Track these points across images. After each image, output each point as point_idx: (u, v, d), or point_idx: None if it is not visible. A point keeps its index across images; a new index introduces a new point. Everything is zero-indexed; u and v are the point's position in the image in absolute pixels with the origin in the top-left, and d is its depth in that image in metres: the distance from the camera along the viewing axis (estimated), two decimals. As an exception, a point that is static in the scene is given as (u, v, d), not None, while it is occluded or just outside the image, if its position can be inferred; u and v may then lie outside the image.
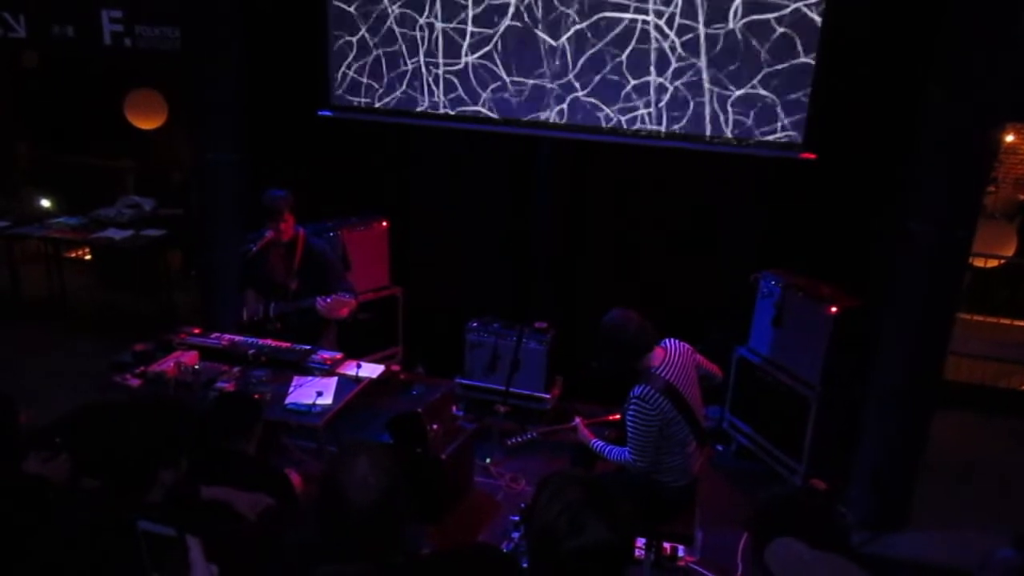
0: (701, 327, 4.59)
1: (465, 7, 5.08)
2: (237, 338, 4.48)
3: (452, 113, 5.31)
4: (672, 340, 3.69)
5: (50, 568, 2.09)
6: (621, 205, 5.48)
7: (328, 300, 4.37)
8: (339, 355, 4.40)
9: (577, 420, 3.88)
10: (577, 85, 5.03)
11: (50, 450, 2.65)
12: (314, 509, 2.03)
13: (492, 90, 5.19)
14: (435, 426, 4.29)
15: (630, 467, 3.54)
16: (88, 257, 8.00)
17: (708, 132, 4.90)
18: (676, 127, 4.95)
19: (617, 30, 4.87)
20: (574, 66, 5.01)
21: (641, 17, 4.83)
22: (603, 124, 5.05)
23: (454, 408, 4.97)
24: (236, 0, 4.78)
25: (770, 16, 4.63)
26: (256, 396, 3.80)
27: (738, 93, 4.79)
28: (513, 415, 5.26)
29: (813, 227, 5.04)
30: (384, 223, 5.78)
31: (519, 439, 4.11)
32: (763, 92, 4.76)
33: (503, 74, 5.14)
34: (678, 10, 4.77)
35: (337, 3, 5.32)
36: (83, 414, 2.64)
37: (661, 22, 4.81)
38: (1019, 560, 2.30)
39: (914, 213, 4.05)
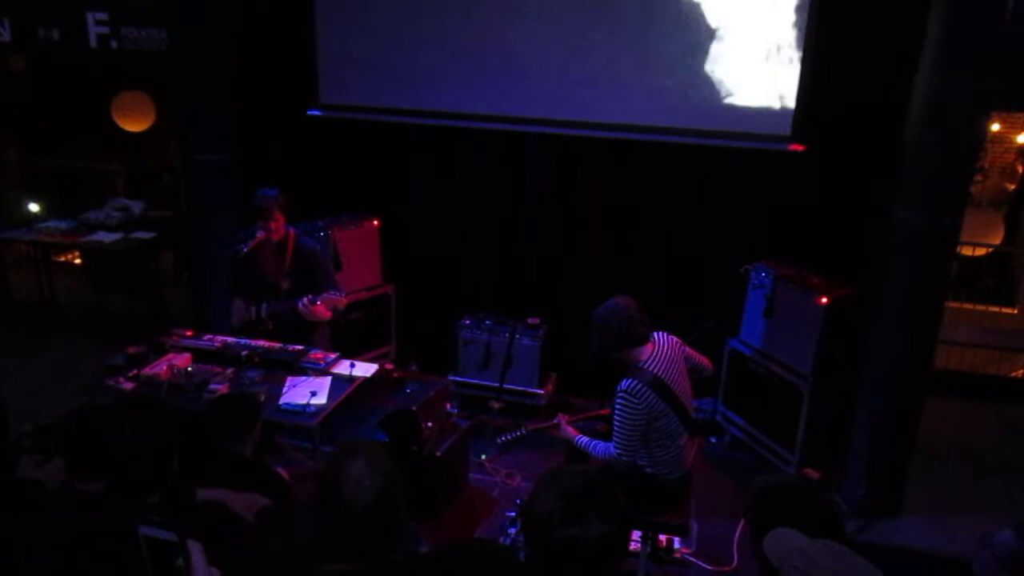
0: (692, 319, 4.61)
1: (456, 4, 5.08)
2: (230, 339, 4.48)
3: (441, 110, 5.30)
4: (661, 333, 3.70)
5: (48, 573, 2.09)
6: (612, 199, 5.49)
7: (318, 300, 4.37)
8: (332, 355, 4.40)
9: (559, 418, 3.88)
10: (567, 79, 5.03)
11: (44, 454, 2.64)
12: (312, 508, 2.04)
13: (482, 86, 5.18)
14: (429, 424, 4.29)
15: (614, 461, 3.55)
16: (78, 260, 7.96)
17: (697, 125, 4.91)
18: (665, 120, 4.96)
19: (607, 22, 4.88)
20: (564, 60, 5.01)
21: (629, 8, 4.84)
22: (593, 118, 5.06)
23: (448, 405, 4.98)
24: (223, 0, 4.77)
25: (759, 7, 4.64)
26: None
27: (726, 85, 4.80)
28: (507, 411, 5.28)
29: (803, 217, 5.07)
30: (375, 222, 5.77)
31: (509, 436, 4.13)
32: (751, 84, 4.77)
33: (493, 69, 5.14)
34: (666, 2, 4.78)
35: (326, 1, 5.31)
36: (76, 417, 2.63)
37: (649, 13, 4.81)
38: (1018, 543, 2.33)
39: (902, 202, 4.08)
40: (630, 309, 3.55)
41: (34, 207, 7.72)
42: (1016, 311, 7.60)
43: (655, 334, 3.67)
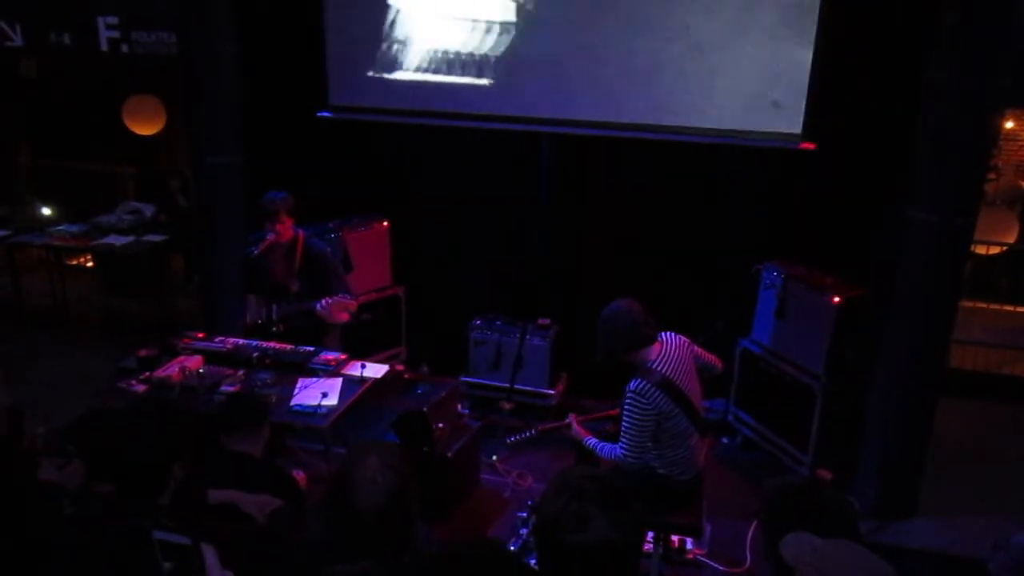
0: (704, 319, 4.59)
1: (465, 4, 5.08)
2: (241, 341, 4.49)
3: (452, 111, 5.30)
4: (669, 333, 3.68)
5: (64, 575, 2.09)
6: (622, 199, 5.48)
7: (329, 302, 4.38)
8: (343, 356, 4.41)
9: (570, 417, 3.88)
10: (576, 80, 5.02)
11: (63, 457, 2.65)
12: (324, 509, 2.04)
13: (492, 86, 5.18)
14: (440, 425, 4.29)
15: (621, 463, 3.53)
16: (90, 264, 8.00)
17: (708, 124, 4.89)
18: (675, 120, 4.94)
19: (614, 24, 4.87)
20: (573, 60, 5.00)
21: (638, 9, 4.82)
22: (604, 118, 5.04)
23: (459, 406, 4.97)
24: (232, 3, 4.78)
25: (768, 5, 4.61)
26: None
27: (738, 84, 4.78)
28: (518, 412, 5.27)
29: (814, 217, 5.04)
30: (385, 223, 5.78)
31: (518, 437, 4.12)
32: (762, 82, 4.74)
33: (503, 69, 5.13)
34: (675, 2, 4.76)
35: (335, 3, 5.32)
36: (91, 420, 2.65)
37: (659, 13, 4.80)
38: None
39: (915, 201, 4.05)
40: (634, 311, 3.55)
41: (46, 211, 7.77)
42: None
43: (662, 334, 3.65)
